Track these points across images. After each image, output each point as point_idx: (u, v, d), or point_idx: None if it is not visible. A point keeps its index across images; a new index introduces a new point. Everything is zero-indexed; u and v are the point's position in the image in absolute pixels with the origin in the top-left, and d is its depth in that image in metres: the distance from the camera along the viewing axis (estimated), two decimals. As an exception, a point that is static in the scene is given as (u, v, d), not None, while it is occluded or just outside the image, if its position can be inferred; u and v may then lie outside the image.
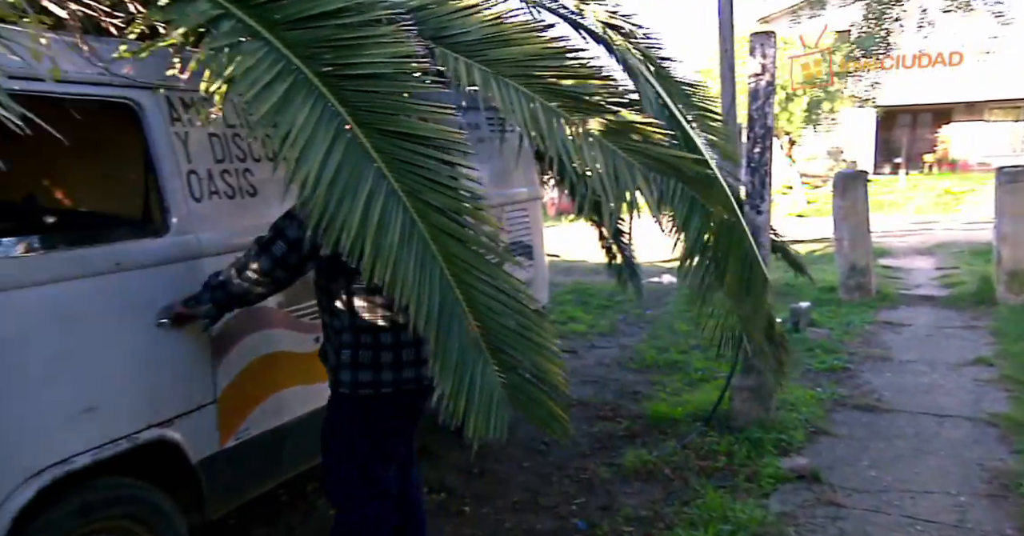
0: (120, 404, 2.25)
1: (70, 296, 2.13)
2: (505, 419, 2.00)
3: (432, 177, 1.89)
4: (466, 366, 1.92)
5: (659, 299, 7.93)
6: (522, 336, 2.01)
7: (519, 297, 2.02)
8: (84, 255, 2.19)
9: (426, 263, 1.84)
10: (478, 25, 2.34)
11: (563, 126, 2.21)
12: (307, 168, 1.75)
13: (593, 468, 3.76)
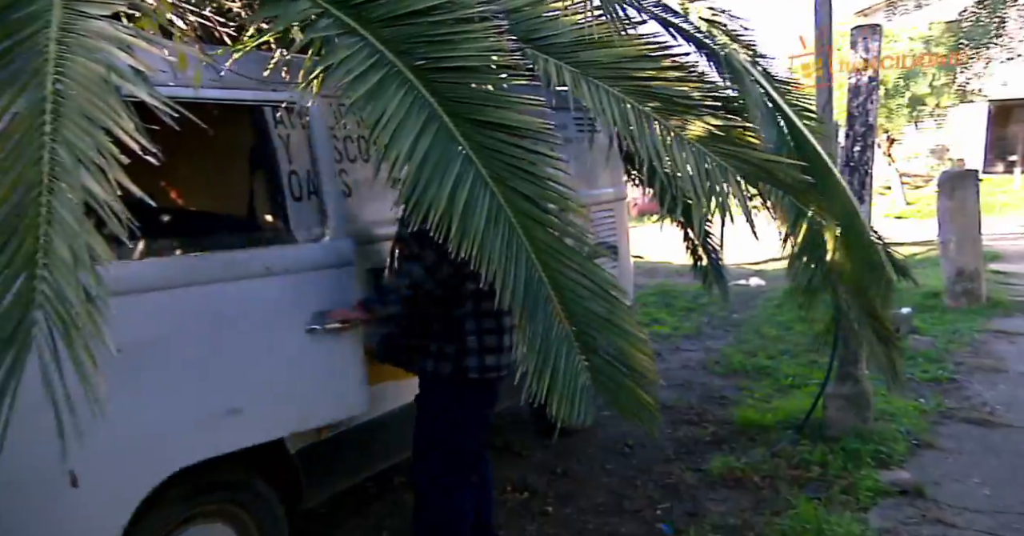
0: (266, 408, 2.31)
1: (221, 299, 2.20)
2: (590, 405, 1.99)
3: (518, 165, 1.93)
4: (551, 348, 1.94)
5: (746, 302, 7.71)
6: (608, 322, 2.01)
7: (604, 285, 2.03)
8: (234, 258, 2.26)
9: (512, 245, 1.88)
10: (569, 27, 2.34)
11: (654, 128, 2.19)
12: (397, 149, 1.83)
13: (678, 473, 3.69)
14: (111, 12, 1.32)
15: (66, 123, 1.18)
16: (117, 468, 2.00)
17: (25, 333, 1.11)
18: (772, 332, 6.41)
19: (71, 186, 1.15)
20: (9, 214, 1.13)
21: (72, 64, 1.22)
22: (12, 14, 1.24)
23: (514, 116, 1.93)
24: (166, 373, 2.09)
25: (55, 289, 1.12)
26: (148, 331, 2.05)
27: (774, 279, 8.87)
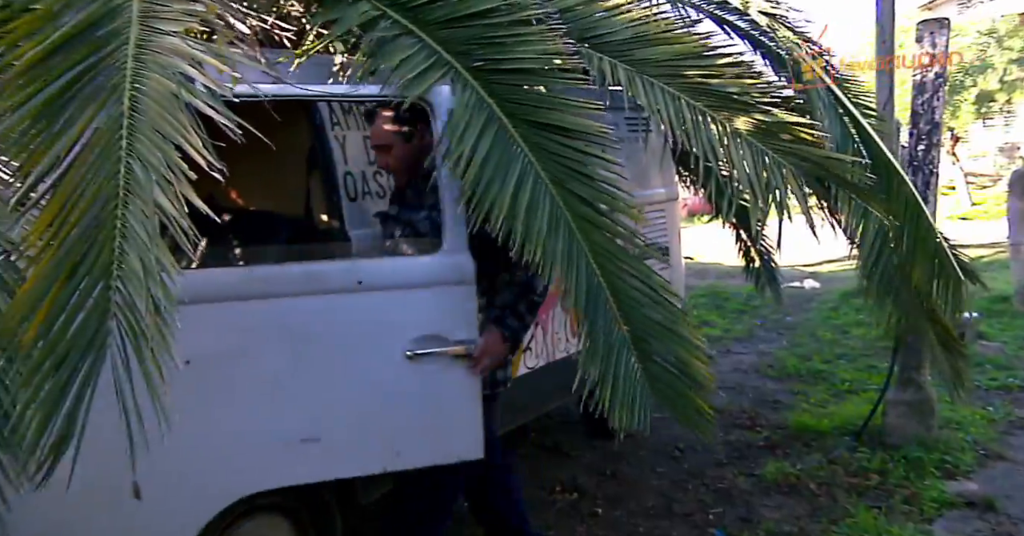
0: (349, 441, 2.07)
1: (300, 313, 2.00)
2: (649, 411, 2.00)
3: (574, 167, 1.94)
4: (611, 354, 1.94)
5: (800, 305, 7.52)
6: (665, 328, 2.01)
7: (661, 290, 2.03)
8: (320, 270, 2.05)
9: (572, 250, 1.89)
10: (624, 25, 2.33)
11: (709, 124, 2.16)
12: (460, 148, 1.85)
13: (731, 478, 3.63)
14: (183, 28, 1.36)
15: (140, 138, 1.22)
16: (180, 488, 1.92)
17: (101, 341, 1.16)
18: (828, 335, 6.25)
19: (143, 200, 1.20)
20: (89, 226, 1.18)
21: (147, 80, 1.26)
22: (95, 32, 1.30)
23: (570, 118, 1.94)
24: (236, 391, 1.96)
25: (127, 299, 1.17)
26: (219, 344, 1.92)
27: (829, 281, 8.64)
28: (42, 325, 1.16)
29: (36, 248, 1.21)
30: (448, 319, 2.10)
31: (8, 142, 1.30)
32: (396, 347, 2.05)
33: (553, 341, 3.42)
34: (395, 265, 2.16)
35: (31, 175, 1.23)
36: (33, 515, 1.52)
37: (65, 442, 1.15)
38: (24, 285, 1.19)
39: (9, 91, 1.26)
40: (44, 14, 1.31)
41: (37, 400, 1.15)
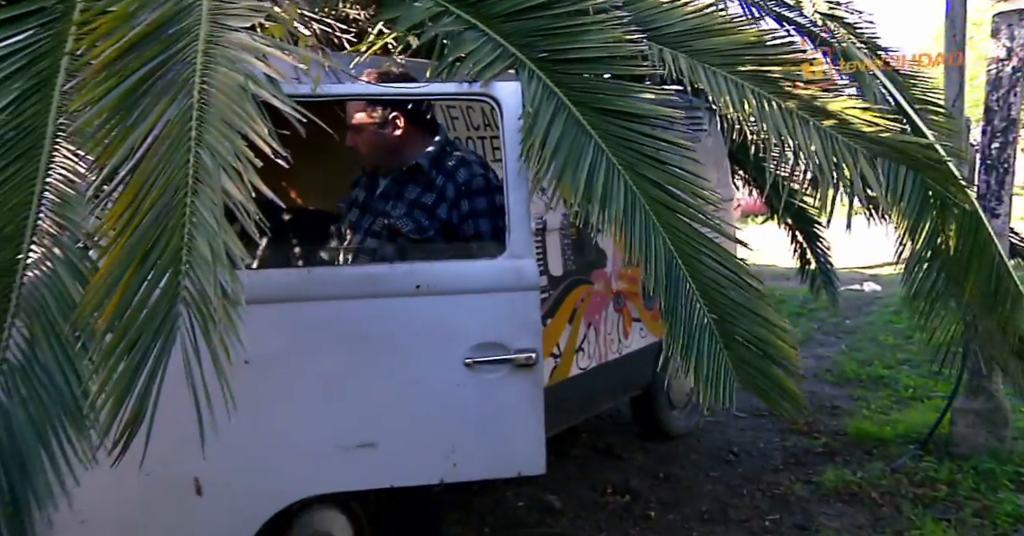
0: (407, 448, 2.03)
1: (357, 316, 1.97)
2: (734, 389, 1.99)
3: (646, 152, 1.95)
4: (692, 334, 1.95)
5: (859, 308, 7.29)
6: (747, 308, 2.00)
7: (740, 272, 2.01)
8: (379, 273, 2.01)
9: (649, 233, 1.90)
10: (683, 17, 2.33)
11: (774, 109, 2.14)
12: (532, 139, 1.89)
13: (787, 484, 3.53)
14: (250, 24, 1.39)
15: (209, 129, 1.26)
16: (239, 487, 1.94)
17: (170, 326, 1.19)
18: (890, 340, 6.04)
19: (212, 188, 1.23)
20: (160, 213, 1.22)
21: (215, 74, 1.30)
22: (168, 29, 1.34)
23: (639, 104, 1.95)
24: (293, 393, 1.95)
25: (196, 285, 1.20)
26: (278, 346, 1.91)
27: (890, 284, 8.34)
28: (115, 311, 1.20)
29: (109, 237, 1.25)
30: (509, 327, 2.03)
31: (84, 137, 1.36)
32: (455, 354, 1.99)
33: (605, 342, 3.39)
34: (455, 269, 2.08)
35: (106, 167, 1.27)
36: (101, 510, 1.56)
37: (137, 423, 1.18)
38: (98, 272, 1.24)
39: (87, 88, 1.31)
40: (120, 14, 1.36)
41: (110, 382, 1.19)
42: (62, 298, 1.32)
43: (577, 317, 3.20)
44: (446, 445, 2.02)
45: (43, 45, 1.49)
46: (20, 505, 1.26)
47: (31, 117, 1.42)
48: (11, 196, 1.36)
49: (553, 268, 3.10)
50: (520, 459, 2.09)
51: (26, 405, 1.28)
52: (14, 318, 1.30)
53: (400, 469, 2.03)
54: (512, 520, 3.24)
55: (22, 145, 1.40)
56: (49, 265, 1.34)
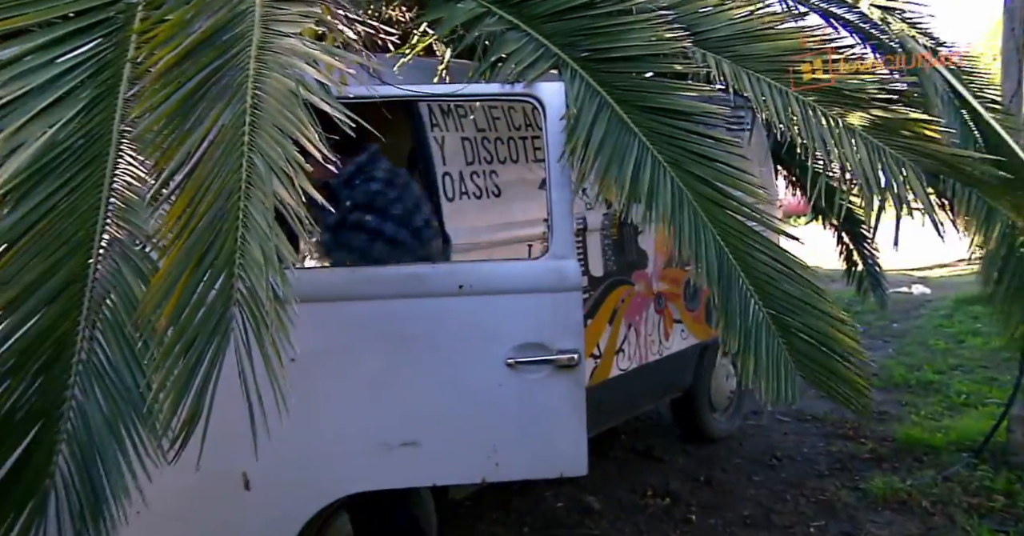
0: (449, 447, 2.04)
1: (400, 316, 2.00)
2: (796, 385, 1.98)
3: (692, 149, 1.95)
4: (749, 329, 1.94)
5: (908, 312, 7.11)
6: (804, 302, 1.99)
7: (795, 267, 2.00)
8: (422, 273, 2.02)
9: (699, 229, 1.90)
10: (728, 21, 2.31)
11: (820, 119, 2.10)
12: (575, 138, 1.90)
13: (833, 490, 3.46)
14: (301, 29, 1.43)
15: (261, 134, 1.29)
16: (285, 483, 1.98)
17: (225, 327, 1.23)
18: (940, 345, 5.88)
19: (264, 192, 1.26)
20: (215, 217, 1.25)
21: (267, 79, 1.33)
22: (222, 36, 1.38)
23: (683, 101, 1.95)
24: (338, 391, 1.98)
25: (249, 288, 1.23)
26: (324, 344, 1.93)
27: (940, 287, 8.13)
28: (173, 311, 1.24)
29: (168, 239, 1.29)
30: (551, 327, 2.03)
31: (144, 142, 1.41)
32: (497, 354, 2.00)
33: (646, 344, 3.37)
34: (497, 269, 2.11)
35: (164, 172, 1.32)
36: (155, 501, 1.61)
37: (194, 421, 1.22)
38: (157, 274, 1.28)
39: (147, 94, 1.36)
40: (177, 22, 1.40)
41: (169, 381, 1.23)
42: (127, 299, 1.38)
43: (617, 318, 3.19)
44: (488, 445, 2.03)
45: (107, 54, 1.55)
46: (99, 497, 1.31)
47: (98, 124, 1.48)
48: (82, 202, 1.42)
49: (594, 268, 3.10)
50: (562, 460, 2.09)
51: (99, 404, 1.33)
52: (86, 320, 1.36)
53: (442, 468, 2.06)
54: (551, 520, 3.24)
55: (90, 152, 1.46)
56: (115, 267, 1.40)
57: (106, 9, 1.63)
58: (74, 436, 1.35)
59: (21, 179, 1.43)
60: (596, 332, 3.09)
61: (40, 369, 1.35)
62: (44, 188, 1.44)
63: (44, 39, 1.60)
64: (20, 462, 1.33)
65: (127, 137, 1.48)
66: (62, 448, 1.34)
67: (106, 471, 1.35)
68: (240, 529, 2.03)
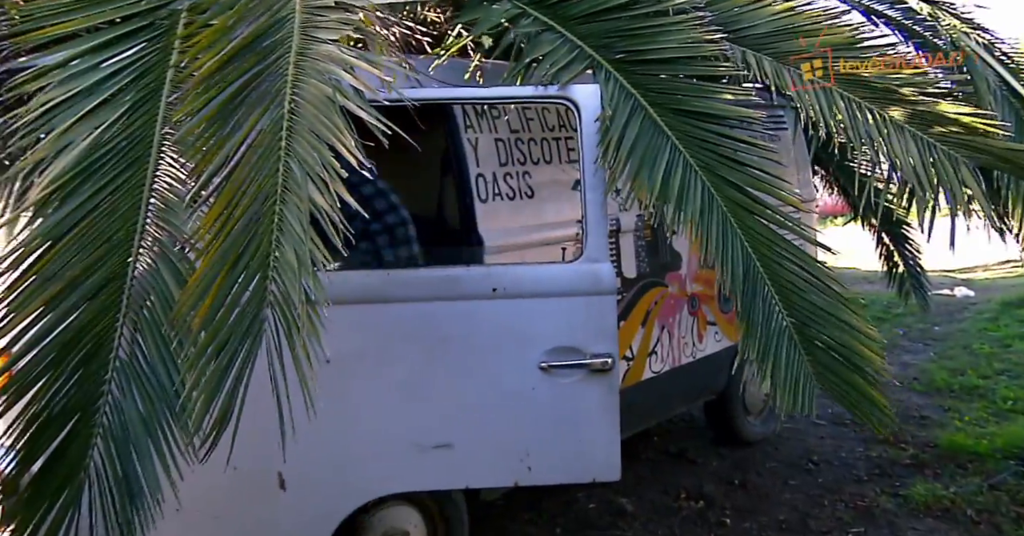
0: (482, 450, 2.05)
1: (434, 318, 2.01)
2: (814, 396, 1.96)
3: (725, 153, 1.94)
4: (770, 338, 1.92)
5: (950, 314, 6.92)
6: (829, 314, 1.96)
7: (823, 277, 1.97)
8: (456, 276, 2.03)
9: (727, 234, 1.89)
10: (768, 18, 2.26)
11: (866, 115, 2.05)
12: (608, 139, 1.90)
13: (872, 496, 3.39)
14: (339, 36, 1.44)
15: (298, 139, 1.31)
16: (320, 484, 2.00)
17: (257, 329, 1.25)
18: (985, 349, 5.70)
19: (299, 197, 1.28)
20: (251, 220, 1.27)
21: (305, 85, 1.35)
22: (262, 42, 1.41)
23: (717, 105, 1.94)
24: (373, 393, 1.99)
25: (282, 290, 1.25)
26: (358, 346, 1.93)
27: (985, 289, 7.89)
28: (208, 311, 1.27)
29: (205, 241, 1.32)
30: (585, 331, 2.02)
31: (185, 144, 1.44)
32: (531, 358, 2.00)
33: (679, 346, 3.34)
34: (531, 273, 2.10)
35: (203, 174, 1.34)
36: (194, 499, 1.65)
37: (225, 420, 1.25)
38: (194, 274, 1.31)
39: (189, 98, 1.39)
40: (220, 27, 1.43)
41: (202, 381, 1.25)
42: (164, 299, 1.41)
43: (650, 320, 3.17)
44: (521, 448, 2.03)
45: (151, 58, 1.59)
46: (132, 492, 1.35)
47: (140, 127, 1.52)
48: (123, 202, 1.46)
49: (627, 270, 3.08)
50: (595, 465, 2.09)
51: (135, 400, 1.37)
52: (124, 317, 1.39)
53: (475, 470, 2.08)
54: (584, 522, 3.23)
55: (132, 154, 1.50)
56: (153, 266, 1.43)
57: (150, 14, 1.67)
58: (109, 431, 1.39)
59: (67, 178, 1.48)
60: (629, 334, 3.08)
61: (79, 364, 1.40)
62: (88, 188, 1.49)
63: (91, 44, 1.64)
64: (56, 454, 1.37)
65: (168, 140, 1.51)
66: (97, 442, 1.38)
67: (140, 467, 1.39)
68: (275, 528, 2.06)
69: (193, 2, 1.65)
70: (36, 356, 1.37)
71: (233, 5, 1.50)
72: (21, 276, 1.41)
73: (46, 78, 1.59)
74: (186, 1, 1.67)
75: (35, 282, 1.40)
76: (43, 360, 1.36)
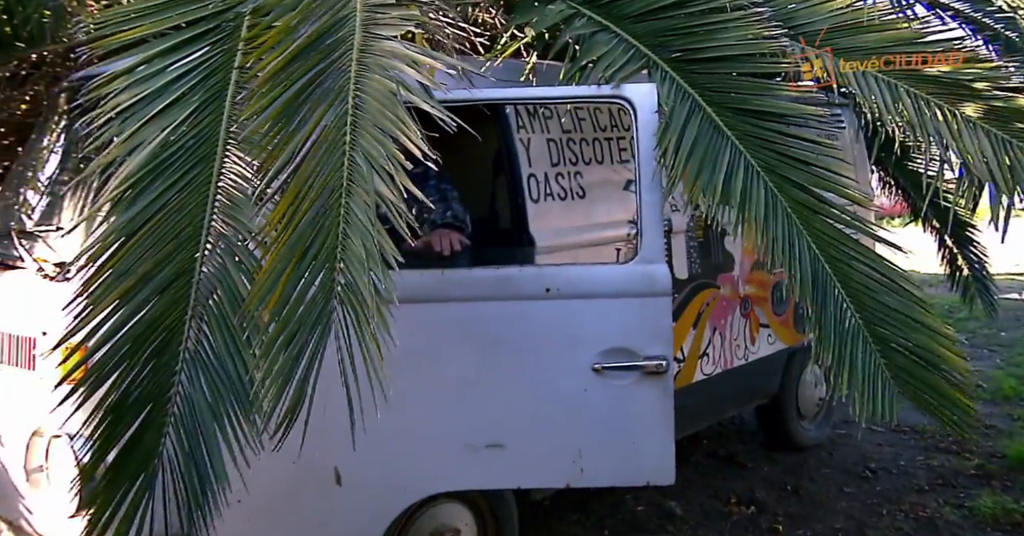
0: (534, 451, 2.06)
1: (487, 318, 2.02)
2: (894, 401, 1.89)
3: (787, 153, 1.89)
4: (844, 342, 1.87)
5: (1018, 319, 6.66)
6: (903, 315, 1.90)
7: (895, 277, 1.92)
8: (510, 276, 2.03)
9: (792, 236, 1.85)
10: (829, 13, 2.21)
11: (935, 112, 1.99)
12: (667, 141, 1.87)
13: (935, 507, 3.27)
14: (400, 33, 1.46)
15: (362, 134, 1.33)
16: (375, 481, 2.01)
17: (326, 321, 1.27)
18: (1058, 356, 5.47)
19: (365, 190, 1.30)
20: (318, 214, 1.30)
21: (368, 81, 1.37)
22: (325, 40, 1.44)
23: (779, 103, 1.90)
24: (427, 391, 1.99)
25: (350, 283, 1.27)
26: (412, 344, 1.88)
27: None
28: (277, 305, 1.29)
29: (272, 236, 1.35)
30: (639, 333, 2.00)
31: (251, 143, 1.47)
32: (584, 359, 1.99)
33: (731, 348, 3.28)
34: (585, 273, 2.10)
35: (270, 171, 1.38)
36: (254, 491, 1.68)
37: (295, 412, 1.27)
38: (263, 269, 1.34)
39: (255, 97, 1.42)
40: (284, 28, 1.46)
41: (272, 372, 1.28)
42: (231, 292, 1.45)
43: (702, 321, 3.13)
44: (573, 449, 2.02)
45: (216, 60, 1.64)
46: (202, 480, 1.39)
47: (206, 127, 1.56)
48: (190, 199, 1.50)
49: (679, 271, 3.04)
50: (648, 468, 2.07)
51: (204, 391, 1.40)
52: (193, 310, 1.43)
53: (527, 471, 2.07)
54: (632, 524, 3.20)
55: (200, 152, 1.54)
56: (220, 261, 1.47)
57: (216, 18, 1.71)
58: (180, 421, 1.43)
59: (138, 177, 1.53)
60: (680, 335, 3.04)
61: (151, 355, 1.44)
62: (158, 186, 1.54)
63: (159, 48, 1.70)
64: (132, 442, 1.42)
65: (233, 138, 1.55)
66: (169, 431, 1.42)
67: (209, 456, 1.42)
68: (330, 524, 2.08)
69: (257, 4, 1.69)
70: (112, 348, 1.42)
71: (296, 6, 1.53)
72: (97, 271, 1.46)
73: (118, 82, 1.64)
74: (250, 4, 1.71)
75: (110, 277, 1.45)
76: (118, 352, 1.41)
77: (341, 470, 1.98)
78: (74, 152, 2.33)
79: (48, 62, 2.79)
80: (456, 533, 2.43)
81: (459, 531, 2.44)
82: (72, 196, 2.10)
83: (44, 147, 2.50)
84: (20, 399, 2.03)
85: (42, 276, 1.96)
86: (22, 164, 2.56)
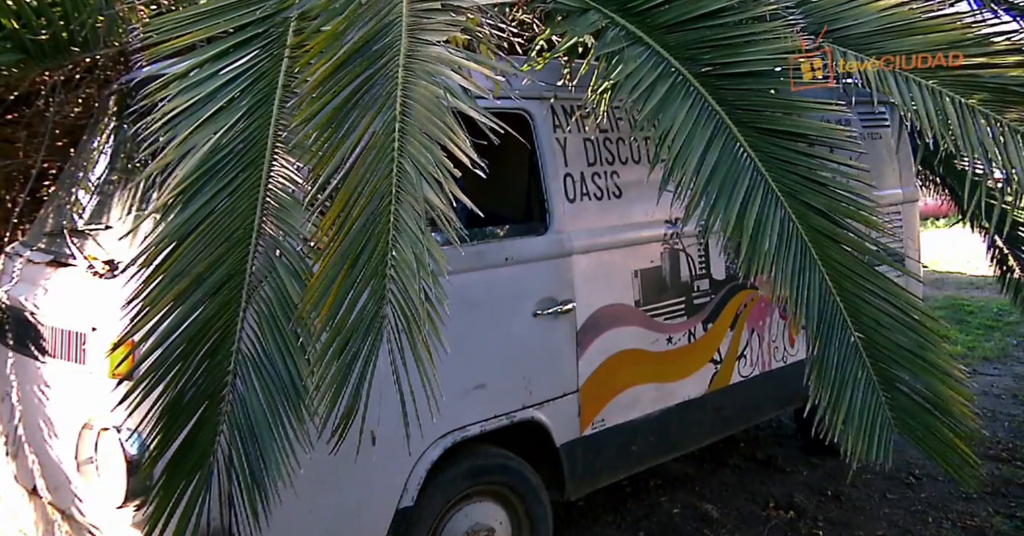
0: (503, 384, 2.47)
1: (470, 285, 2.32)
2: (890, 442, 1.86)
3: (812, 177, 1.83)
4: (845, 380, 1.82)
5: (1071, 323, 6.44)
6: (913, 354, 1.84)
7: (911, 312, 1.85)
8: (483, 250, 2.40)
9: (804, 267, 1.79)
10: (872, 15, 2.14)
11: (980, 122, 1.92)
12: (683, 168, 1.81)
13: (984, 516, 3.19)
14: (446, 38, 1.47)
15: (410, 140, 1.34)
16: (399, 429, 2.15)
17: (378, 326, 1.28)
18: (1111, 362, 5.29)
19: (414, 197, 1.31)
20: (368, 220, 1.31)
21: (415, 87, 1.38)
22: (372, 46, 1.44)
23: (805, 122, 1.84)
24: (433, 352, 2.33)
25: (401, 289, 1.28)
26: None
27: (1108, 295, 7.29)
28: (329, 312, 1.31)
29: (323, 243, 1.36)
30: (555, 285, 2.49)
31: (301, 149, 1.49)
32: (528, 308, 2.49)
33: (770, 350, 3.24)
34: (526, 244, 2.47)
35: (320, 177, 1.39)
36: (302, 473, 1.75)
37: (353, 414, 1.29)
38: (315, 275, 1.35)
39: (305, 103, 1.44)
40: (331, 34, 1.47)
41: (327, 377, 1.30)
42: (281, 294, 1.47)
43: (739, 323, 3.10)
44: (525, 378, 2.52)
45: (264, 65, 1.66)
46: (255, 477, 1.42)
47: (255, 131, 1.58)
48: (241, 202, 1.53)
49: (715, 272, 3.01)
50: (563, 381, 2.60)
51: (256, 391, 1.43)
52: (245, 312, 1.46)
53: (499, 401, 2.45)
54: (668, 527, 3.18)
55: (248, 156, 1.56)
56: (269, 263, 1.49)
57: (263, 23, 1.74)
58: (234, 419, 1.46)
59: (190, 181, 1.56)
60: (717, 337, 3.01)
61: (205, 356, 1.47)
62: (209, 189, 1.56)
63: (209, 54, 1.73)
64: (189, 438, 1.45)
65: (281, 142, 1.57)
66: (223, 430, 1.45)
67: (262, 454, 1.45)
68: (369, 478, 2.17)
69: (303, 9, 1.71)
70: (167, 348, 1.45)
71: (343, 11, 1.54)
72: (152, 273, 1.49)
73: (169, 88, 1.68)
74: (296, 8, 1.73)
75: (164, 279, 1.48)
76: (173, 352, 1.44)
77: (376, 432, 2.08)
78: (122, 153, 2.40)
79: (100, 66, 2.86)
80: (491, 532, 2.45)
81: (493, 530, 2.46)
82: (120, 196, 2.15)
83: (94, 148, 2.56)
84: (71, 392, 2.10)
85: (92, 273, 2.01)
86: (74, 165, 2.63)
